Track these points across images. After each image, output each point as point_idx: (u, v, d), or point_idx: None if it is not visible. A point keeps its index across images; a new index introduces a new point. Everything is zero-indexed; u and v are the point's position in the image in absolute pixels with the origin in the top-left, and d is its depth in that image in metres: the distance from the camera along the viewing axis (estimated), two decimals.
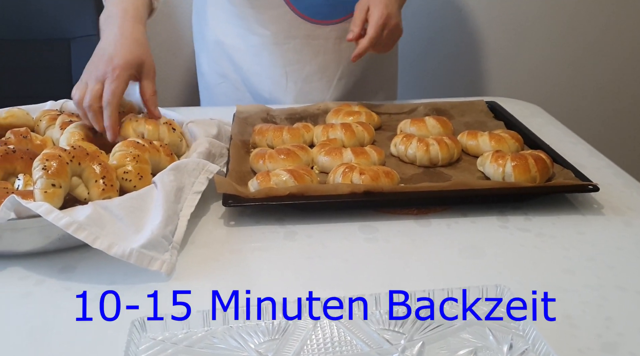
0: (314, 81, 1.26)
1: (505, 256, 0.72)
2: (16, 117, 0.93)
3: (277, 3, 1.16)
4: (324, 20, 1.19)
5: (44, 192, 0.67)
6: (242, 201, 0.80)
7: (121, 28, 0.89)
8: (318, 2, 1.16)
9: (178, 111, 1.02)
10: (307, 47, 1.22)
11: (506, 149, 0.93)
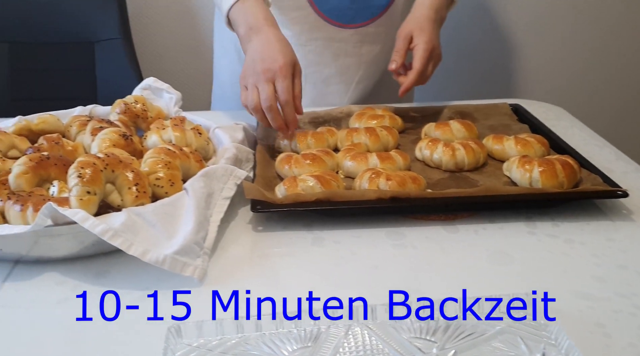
0: (332, 83, 1.27)
1: (534, 262, 0.72)
2: (48, 123, 0.95)
3: (302, 4, 1.17)
4: (347, 24, 1.20)
5: (80, 199, 0.69)
6: (270, 207, 0.81)
7: (268, 34, 0.97)
8: (343, 5, 1.17)
9: (200, 115, 1.04)
10: (328, 50, 1.23)
11: (532, 154, 0.93)
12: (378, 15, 1.20)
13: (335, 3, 1.17)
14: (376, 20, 1.20)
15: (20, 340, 0.60)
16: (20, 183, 0.75)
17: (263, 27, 0.98)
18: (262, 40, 0.97)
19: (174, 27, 1.90)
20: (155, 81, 1.08)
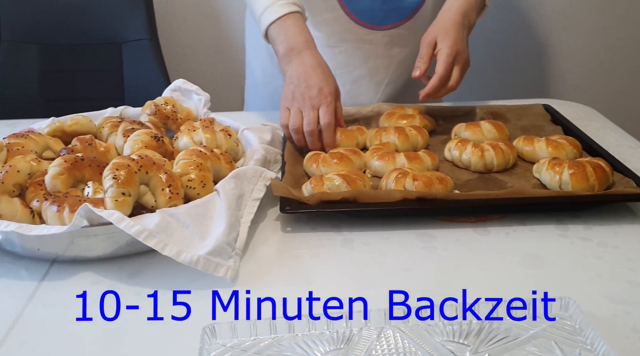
0: (362, 84, 1.27)
1: (566, 266, 0.71)
2: (80, 125, 0.96)
3: (333, 6, 1.17)
4: (378, 25, 1.20)
5: (115, 200, 0.70)
6: (298, 207, 0.81)
7: (309, 58, 1.01)
8: (373, 7, 1.17)
9: (228, 116, 1.05)
10: (358, 51, 1.23)
11: (564, 156, 0.92)
12: (408, 17, 1.20)
13: (366, 5, 1.17)
14: (406, 22, 1.20)
15: (59, 338, 0.62)
16: (55, 183, 0.77)
17: (304, 51, 1.01)
18: (304, 65, 1.00)
19: (200, 27, 1.91)
20: (184, 83, 1.09)
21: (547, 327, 0.59)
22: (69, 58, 1.75)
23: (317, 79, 0.99)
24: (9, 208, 0.73)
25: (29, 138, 0.88)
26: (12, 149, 0.86)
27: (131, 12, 1.72)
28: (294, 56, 1.01)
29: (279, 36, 1.03)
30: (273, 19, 1.03)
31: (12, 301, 0.67)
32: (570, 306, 0.61)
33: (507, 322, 0.60)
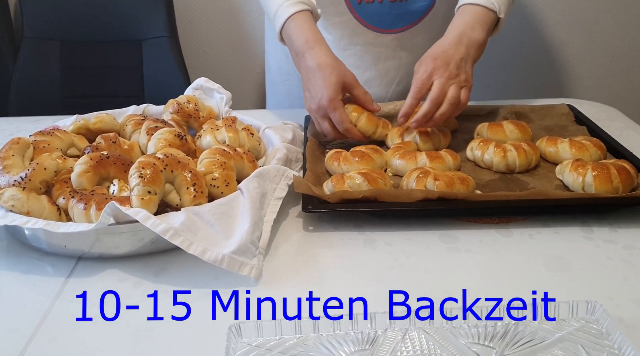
0: (373, 86, 1.27)
1: (592, 269, 0.71)
2: (104, 123, 0.97)
3: (342, 10, 1.18)
4: (386, 29, 1.20)
5: (141, 198, 0.71)
6: (320, 207, 0.81)
7: (310, 60, 0.99)
8: (382, 12, 1.17)
9: (248, 114, 1.05)
10: (368, 54, 1.23)
11: (587, 158, 0.91)
12: (417, 21, 1.19)
13: (374, 9, 1.17)
14: (416, 25, 1.20)
15: (88, 334, 0.63)
16: (82, 181, 0.78)
17: (305, 53, 1.00)
18: (306, 71, 1.00)
19: (219, 24, 1.92)
20: (206, 81, 1.10)
21: (574, 331, 0.59)
22: (89, 55, 1.77)
23: (315, 86, 0.98)
24: (37, 205, 0.74)
25: (54, 136, 0.89)
26: (38, 147, 0.87)
27: (151, 10, 1.73)
28: (299, 61, 1.02)
29: (288, 40, 1.04)
30: (281, 24, 1.03)
31: (40, 298, 0.68)
32: (597, 309, 0.60)
33: (533, 325, 0.60)
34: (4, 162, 0.81)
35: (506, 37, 1.95)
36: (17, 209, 0.73)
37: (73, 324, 0.64)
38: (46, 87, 1.76)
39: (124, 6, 1.73)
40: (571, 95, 2.03)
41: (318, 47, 1.00)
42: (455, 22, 1.02)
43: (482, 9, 1.01)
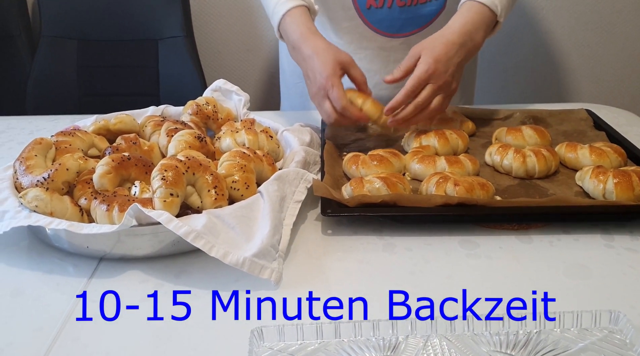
0: (383, 88, 1.27)
1: (614, 277, 0.70)
2: (124, 123, 0.98)
3: (351, 16, 1.18)
4: (396, 33, 1.19)
5: (163, 201, 0.71)
6: (339, 210, 0.82)
7: (304, 52, 1.00)
8: (391, 16, 1.17)
9: (265, 116, 1.05)
10: (378, 58, 1.23)
11: (608, 164, 0.91)
12: (427, 24, 1.19)
13: (383, 14, 1.17)
14: (425, 28, 1.19)
15: (111, 334, 0.63)
16: (103, 182, 0.79)
17: (300, 47, 1.01)
18: (303, 61, 1.00)
19: (234, 25, 1.93)
20: (225, 83, 1.10)
21: (597, 341, 0.59)
22: (106, 54, 1.78)
23: (313, 70, 0.98)
24: (60, 206, 0.75)
25: (75, 136, 0.90)
26: (60, 147, 0.88)
27: (168, 10, 1.74)
28: (296, 54, 1.02)
29: (285, 36, 1.05)
30: (278, 20, 1.05)
31: (63, 298, 0.69)
32: (620, 319, 0.60)
33: (555, 334, 0.60)
34: (27, 163, 0.82)
35: (522, 40, 1.94)
36: (41, 210, 0.74)
37: (96, 324, 0.65)
38: (63, 86, 1.78)
39: (141, 6, 1.74)
40: (588, 98, 2.02)
41: (312, 37, 1.01)
42: (463, 19, 0.99)
43: (487, 10, 1.00)
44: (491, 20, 1.01)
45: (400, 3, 1.15)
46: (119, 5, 1.74)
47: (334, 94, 0.95)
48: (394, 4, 1.15)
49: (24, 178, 0.81)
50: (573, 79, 2.02)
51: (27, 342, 0.62)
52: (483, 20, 1.00)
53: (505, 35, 1.93)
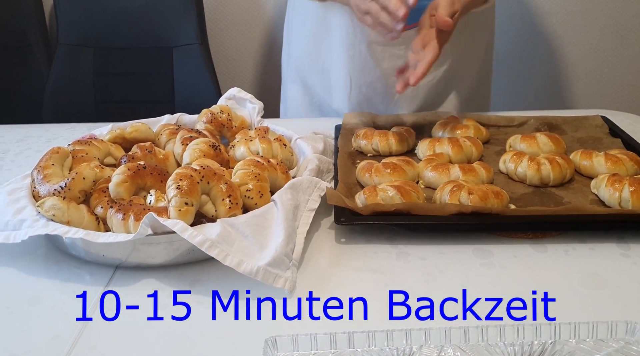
0: (378, 86, 1.26)
1: (630, 287, 0.70)
2: (140, 132, 0.99)
3: (347, 9, 1.16)
4: None
5: (178, 210, 0.72)
6: (353, 219, 0.82)
7: None
8: None
9: (278, 123, 1.06)
10: (373, 53, 1.22)
11: (623, 172, 0.90)
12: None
13: None
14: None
15: (128, 343, 0.64)
16: (119, 191, 0.79)
17: None
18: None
19: (248, 32, 1.94)
20: (239, 91, 1.11)
21: (613, 352, 0.58)
22: (122, 61, 1.80)
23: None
24: (77, 215, 0.76)
25: (92, 145, 0.91)
26: (76, 156, 0.89)
27: (182, 18, 1.75)
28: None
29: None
30: None
31: (79, 306, 0.70)
32: (637, 330, 0.59)
33: (570, 345, 0.60)
34: (45, 172, 0.83)
35: (537, 45, 1.93)
36: (58, 219, 0.75)
37: (112, 332, 0.65)
38: (80, 93, 1.80)
39: (156, 14, 1.76)
40: (604, 104, 2.00)
41: None
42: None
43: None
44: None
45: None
46: (135, 13, 1.76)
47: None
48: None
49: (41, 186, 0.82)
50: (589, 85, 2.00)
51: (44, 350, 0.63)
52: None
53: (520, 40, 1.93)
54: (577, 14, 1.90)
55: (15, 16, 1.84)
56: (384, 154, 1.05)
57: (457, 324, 0.62)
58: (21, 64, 1.89)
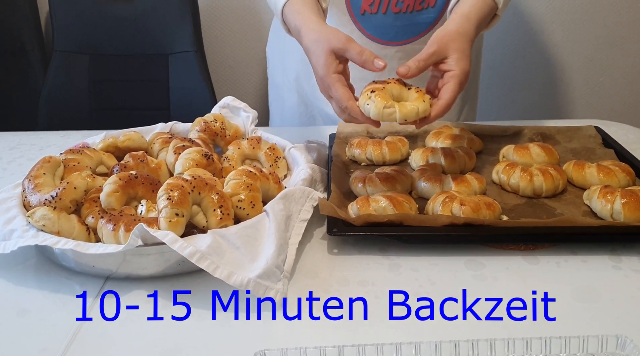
0: None
1: (621, 301, 0.69)
2: (132, 141, 0.99)
3: (345, 21, 1.16)
4: (391, 41, 1.17)
5: (169, 221, 0.72)
6: (345, 230, 0.82)
7: (303, 45, 0.91)
8: (386, 23, 1.15)
9: (273, 132, 1.06)
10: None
11: (616, 183, 0.90)
12: (423, 32, 1.17)
13: (378, 21, 1.15)
14: (422, 37, 1.18)
15: (118, 354, 0.63)
16: (111, 201, 0.79)
17: (299, 39, 0.93)
18: (304, 53, 0.92)
19: (244, 39, 1.94)
20: (233, 100, 1.11)
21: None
22: (117, 68, 1.80)
23: (313, 68, 0.89)
24: (67, 225, 0.75)
25: (84, 154, 0.91)
26: (68, 165, 0.88)
27: (178, 25, 1.75)
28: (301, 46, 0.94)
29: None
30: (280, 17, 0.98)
31: (69, 316, 0.69)
32: (627, 345, 0.59)
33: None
34: (36, 181, 0.83)
35: (531, 53, 1.94)
36: (48, 229, 0.74)
37: (102, 344, 0.65)
38: (75, 99, 1.80)
39: (152, 21, 1.76)
40: (597, 113, 2.01)
41: (304, 28, 0.91)
42: (479, 12, 0.92)
43: (492, 2, 0.95)
44: (491, 13, 0.97)
45: (395, 9, 1.13)
46: (131, 20, 1.76)
47: (334, 94, 0.85)
48: (388, 10, 1.13)
49: (32, 196, 0.81)
50: (584, 94, 2.01)
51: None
52: (490, 13, 0.96)
53: (514, 49, 1.93)
54: (573, 24, 1.91)
55: (11, 23, 1.84)
56: (377, 163, 1.05)
57: (449, 337, 0.61)
58: (17, 70, 1.89)
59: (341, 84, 0.85)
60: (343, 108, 0.85)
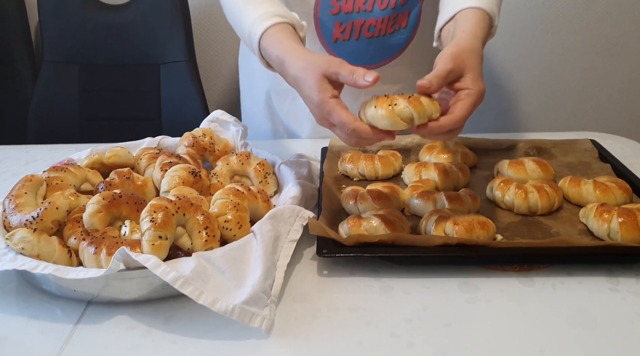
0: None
1: (618, 325, 0.67)
2: (118, 157, 0.97)
3: (317, 49, 1.14)
4: (365, 65, 1.10)
5: (152, 244, 0.69)
6: (335, 251, 0.79)
7: (288, 74, 0.86)
8: (359, 48, 1.14)
9: (263, 146, 1.04)
10: (348, 90, 1.13)
11: (612, 201, 0.88)
12: (397, 54, 1.17)
13: (351, 47, 1.14)
14: (396, 58, 1.17)
15: None
16: (94, 221, 0.77)
17: (283, 70, 0.87)
18: (290, 83, 0.87)
19: (235, 48, 1.91)
20: (222, 114, 1.09)
21: None
22: (108, 78, 1.78)
23: (304, 98, 0.83)
24: (48, 248, 0.73)
25: (68, 172, 0.89)
26: (51, 183, 0.86)
27: (169, 35, 1.73)
28: (287, 81, 0.89)
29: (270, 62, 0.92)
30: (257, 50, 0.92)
31: (49, 343, 0.67)
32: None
33: None
34: (17, 201, 0.80)
35: (528, 63, 1.93)
36: (27, 252, 0.72)
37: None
38: (65, 110, 1.78)
39: (143, 31, 1.74)
40: (593, 124, 2.00)
41: (289, 57, 0.86)
42: (481, 30, 0.88)
43: (489, 19, 0.91)
44: (489, 30, 0.93)
45: (368, 34, 1.12)
46: (121, 30, 1.74)
47: (337, 120, 0.78)
48: (361, 36, 1.12)
49: (12, 216, 0.79)
50: (579, 104, 1.99)
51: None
52: (488, 31, 0.92)
53: (510, 59, 1.92)
54: (568, 33, 1.89)
55: (0, 32, 1.82)
56: (370, 178, 1.03)
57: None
58: (6, 80, 1.86)
59: (341, 107, 0.79)
60: (349, 132, 0.77)
